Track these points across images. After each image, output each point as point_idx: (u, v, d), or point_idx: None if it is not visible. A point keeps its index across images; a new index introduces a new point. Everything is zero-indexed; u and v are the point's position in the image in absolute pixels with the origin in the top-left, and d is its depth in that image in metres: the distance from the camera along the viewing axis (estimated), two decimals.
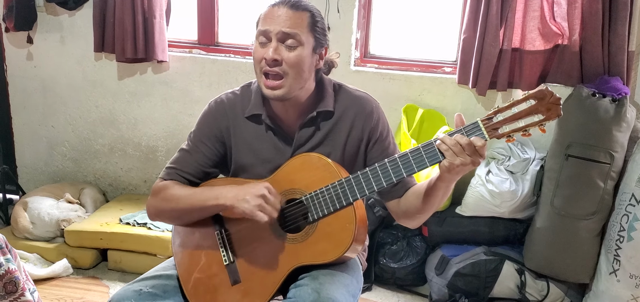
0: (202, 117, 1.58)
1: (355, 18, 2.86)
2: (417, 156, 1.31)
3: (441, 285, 2.57)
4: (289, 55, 1.40)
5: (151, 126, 3.21)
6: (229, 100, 1.57)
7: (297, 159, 1.47)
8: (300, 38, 1.40)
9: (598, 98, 2.39)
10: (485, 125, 1.26)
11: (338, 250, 1.37)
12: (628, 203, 2.36)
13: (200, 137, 1.56)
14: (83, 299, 2.53)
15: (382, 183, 1.35)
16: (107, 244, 2.77)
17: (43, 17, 3.14)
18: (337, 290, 1.35)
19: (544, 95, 1.22)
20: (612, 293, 2.41)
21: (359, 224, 1.37)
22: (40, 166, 3.41)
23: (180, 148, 1.59)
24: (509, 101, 1.25)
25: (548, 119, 1.23)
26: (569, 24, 2.57)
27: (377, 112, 1.54)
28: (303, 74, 1.43)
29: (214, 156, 1.56)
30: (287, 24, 1.40)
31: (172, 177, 1.55)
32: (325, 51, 1.51)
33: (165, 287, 1.49)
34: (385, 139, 1.53)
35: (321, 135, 1.51)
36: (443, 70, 2.90)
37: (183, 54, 3.10)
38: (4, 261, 1.73)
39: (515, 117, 1.24)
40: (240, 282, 1.47)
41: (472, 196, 2.62)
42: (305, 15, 1.42)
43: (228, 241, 1.51)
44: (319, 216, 1.40)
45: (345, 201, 1.37)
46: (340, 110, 1.52)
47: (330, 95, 1.52)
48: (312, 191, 1.41)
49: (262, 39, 1.43)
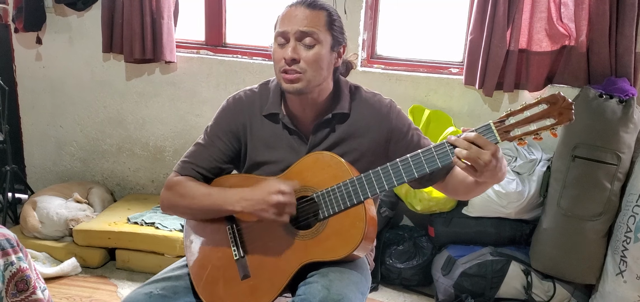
0: (220, 113, 1.59)
1: (362, 19, 2.87)
2: (429, 155, 1.33)
3: (447, 285, 2.57)
4: (308, 53, 1.42)
5: (159, 126, 3.23)
6: (247, 98, 1.58)
7: (309, 157, 1.48)
8: (317, 36, 1.42)
9: (605, 99, 2.39)
10: (497, 127, 1.27)
11: (348, 247, 1.38)
12: (635, 204, 2.35)
13: (217, 132, 1.57)
14: (91, 298, 2.54)
15: (393, 182, 1.37)
16: (115, 243, 2.79)
17: (52, 18, 3.17)
18: (346, 287, 1.35)
19: (557, 99, 1.23)
20: (618, 294, 2.41)
21: (369, 222, 1.38)
22: (49, 166, 3.43)
23: (196, 142, 1.60)
24: (521, 104, 1.26)
25: (560, 124, 1.24)
26: (576, 25, 2.57)
27: (394, 110, 1.56)
28: (322, 72, 1.45)
29: (230, 151, 1.57)
30: (304, 23, 1.41)
31: (187, 172, 1.56)
32: (343, 49, 1.52)
33: (175, 288, 1.50)
34: (407, 133, 1.54)
35: (336, 137, 1.52)
36: (450, 71, 2.90)
37: (191, 55, 3.12)
38: (16, 260, 1.74)
39: (527, 121, 1.25)
40: (250, 277, 1.48)
41: (478, 196, 2.62)
42: (322, 14, 1.44)
43: (239, 235, 1.52)
44: (330, 213, 1.41)
45: (356, 199, 1.39)
46: (355, 112, 1.53)
47: (346, 97, 1.53)
48: (324, 189, 1.42)
49: (281, 40, 1.44)
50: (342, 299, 1.31)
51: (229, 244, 1.51)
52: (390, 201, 2.76)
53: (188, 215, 1.59)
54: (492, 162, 1.26)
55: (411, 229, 2.91)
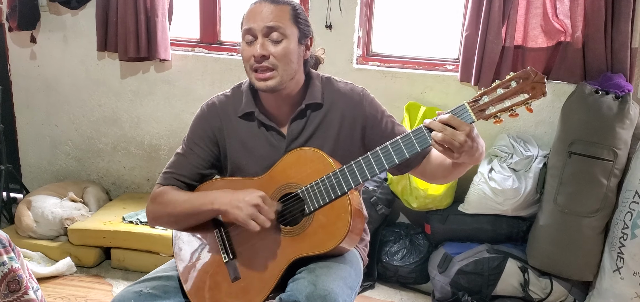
0: (195, 121, 1.61)
1: (357, 16, 2.86)
2: (407, 140, 1.35)
3: (444, 283, 2.57)
4: (276, 48, 1.44)
5: (154, 125, 3.22)
6: (220, 102, 1.60)
7: (292, 154, 1.49)
8: (284, 31, 1.44)
9: (601, 95, 2.39)
10: (472, 107, 1.29)
11: (335, 240, 1.38)
12: (632, 200, 2.35)
13: (194, 140, 1.59)
14: (86, 297, 2.53)
15: (374, 170, 1.39)
16: (111, 242, 2.78)
17: (46, 17, 3.15)
18: (333, 282, 1.35)
19: (528, 74, 1.26)
20: (615, 291, 2.40)
21: (355, 213, 1.39)
22: (44, 165, 3.42)
23: (176, 152, 1.62)
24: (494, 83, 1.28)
25: (533, 98, 1.26)
26: (571, 21, 2.56)
27: (366, 98, 1.57)
28: (292, 65, 1.46)
29: (209, 157, 1.59)
30: (269, 18, 1.43)
31: (169, 182, 1.57)
32: (310, 41, 1.54)
33: (165, 287, 1.50)
34: (380, 121, 1.55)
35: (312, 127, 1.54)
36: (445, 67, 2.89)
37: (185, 53, 3.11)
38: (7, 260, 1.73)
39: (501, 98, 1.27)
40: (240, 279, 1.47)
41: (474, 193, 2.62)
42: (286, 8, 1.46)
43: (227, 238, 1.52)
44: (315, 207, 1.42)
45: (340, 191, 1.39)
46: (328, 102, 1.55)
47: (317, 87, 1.55)
48: (308, 184, 1.43)
49: (248, 37, 1.46)
50: (328, 294, 1.31)
51: (218, 247, 1.52)
52: (387, 198, 2.75)
53: (173, 224, 1.60)
54: (467, 142, 1.27)
55: (407, 226, 2.90)
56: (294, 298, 1.31)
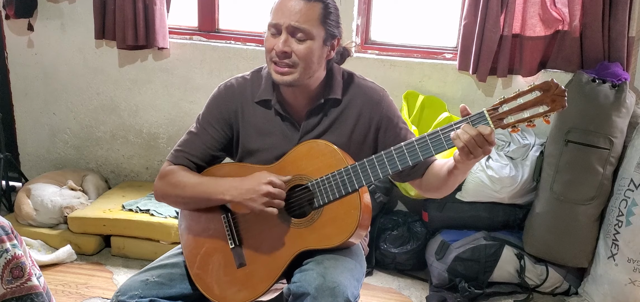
0: (211, 100, 1.59)
1: (356, 4, 2.86)
2: (423, 144, 1.34)
3: (441, 270, 2.59)
4: (299, 47, 1.41)
5: (152, 113, 3.22)
6: (239, 85, 1.58)
7: (303, 145, 1.49)
8: (310, 32, 1.41)
9: (598, 84, 2.40)
10: (490, 115, 1.28)
11: (343, 235, 1.39)
12: (627, 188, 2.38)
13: (209, 120, 1.57)
14: (87, 284, 2.55)
15: (387, 170, 1.38)
16: (110, 230, 2.79)
17: (43, 4, 3.13)
18: (341, 274, 1.36)
19: (549, 86, 1.23)
20: (610, 277, 2.44)
21: (364, 210, 1.40)
22: (43, 153, 3.42)
23: (188, 130, 1.59)
24: (514, 91, 1.26)
25: (552, 111, 1.25)
26: (569, 10, 2.57)
27: (386, 100, 1.56)
28: (312, 65, 1.44)
29: (222, 139, 1.57)
30: (297, 17, 1.39)
31: (180, 161, 1.56)
32: (337, 42, 1.51)
33: (171, 275, 1.51)
34: (396, 125, 1.54)
35: (328, 122, 1.52)
36: (443, 56, 2.90)
37: (184, 41, 3.10)
38: (11, 247, 1.74)
39: (521, 108, 1.26)
40: (246, 265, 1.49)
41: (472, 181, 2.64)
42: (317, 6, 1.42)
43: (234, 224, 1.52)
44: (325, 201, 1.42)
45: (351, 188, 1.40)
46: (347, 98, 1.53)
47: (338, 83, 1.53)
48: (319, 177, 1.43)
49: (273, 30, 1.43)
50: (337, 286, 1.32)
51: (225, 233, 1.52)
52: (385, 186, 2.77)
53: (180, 205, 1.59)
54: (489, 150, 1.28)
55: (405, 214, 2.92)
56: (303, 289, 1.32)
